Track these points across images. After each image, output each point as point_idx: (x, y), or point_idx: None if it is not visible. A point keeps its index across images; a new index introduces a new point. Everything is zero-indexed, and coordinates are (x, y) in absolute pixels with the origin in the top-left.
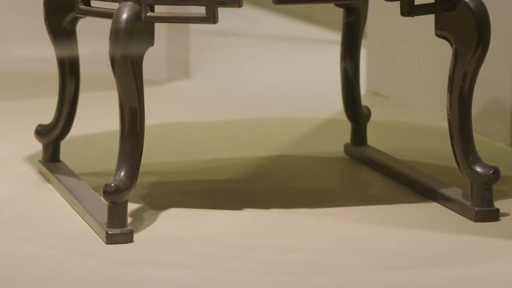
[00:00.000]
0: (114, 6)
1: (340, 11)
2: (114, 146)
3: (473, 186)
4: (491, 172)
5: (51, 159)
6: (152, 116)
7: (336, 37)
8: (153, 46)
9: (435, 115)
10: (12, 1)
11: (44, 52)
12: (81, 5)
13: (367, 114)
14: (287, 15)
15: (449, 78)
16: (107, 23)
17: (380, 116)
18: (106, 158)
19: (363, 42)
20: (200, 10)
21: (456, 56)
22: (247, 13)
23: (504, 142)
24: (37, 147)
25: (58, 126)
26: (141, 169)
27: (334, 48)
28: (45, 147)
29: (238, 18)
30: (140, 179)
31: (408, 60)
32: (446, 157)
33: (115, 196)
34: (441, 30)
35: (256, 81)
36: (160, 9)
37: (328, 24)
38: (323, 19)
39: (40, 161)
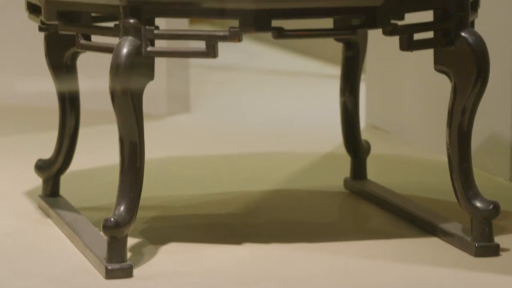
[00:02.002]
0: (115, 40)
1: (340, 45)
2: (114, 181)
3: (473, 221)
4: (491, 207)
5: (51, 193)
6: (152, 150)
7: (336, 71)
8: (153, 80)
9: (435, 149)
10: (12, 34)
11: (44, 86)
12: (81, 39)
13: (367, 148)
14: (287, 49)
15: (449, 113)
16: (107, 58)
17: (380, 150)
18: (106, 193)
19: (363, 76)
20: (200, 45)
21: (455, 90)
22: (247, 48)
23: (503, 177)
24: (37, 181)
25: (58, 160)
26: (141, 203)
27: (334, 82)
28: (45, 182)
29: (238, 52)
30: (140, 213)
31: (407, 94)
32: (446, 192)
33: (114, 231)
34: (440, 64)
35: (256, 115)
36: (160, 44)
37: (328, 58)
38: (323, 54)
39: (40, 196)
